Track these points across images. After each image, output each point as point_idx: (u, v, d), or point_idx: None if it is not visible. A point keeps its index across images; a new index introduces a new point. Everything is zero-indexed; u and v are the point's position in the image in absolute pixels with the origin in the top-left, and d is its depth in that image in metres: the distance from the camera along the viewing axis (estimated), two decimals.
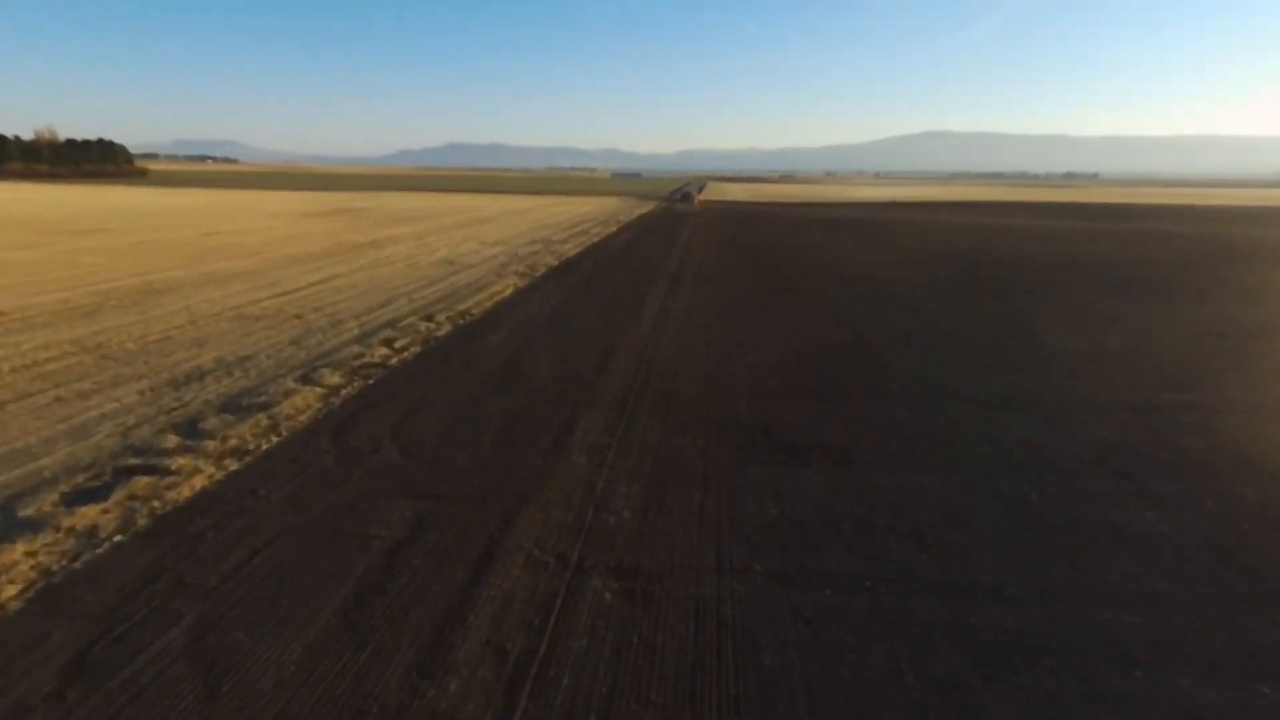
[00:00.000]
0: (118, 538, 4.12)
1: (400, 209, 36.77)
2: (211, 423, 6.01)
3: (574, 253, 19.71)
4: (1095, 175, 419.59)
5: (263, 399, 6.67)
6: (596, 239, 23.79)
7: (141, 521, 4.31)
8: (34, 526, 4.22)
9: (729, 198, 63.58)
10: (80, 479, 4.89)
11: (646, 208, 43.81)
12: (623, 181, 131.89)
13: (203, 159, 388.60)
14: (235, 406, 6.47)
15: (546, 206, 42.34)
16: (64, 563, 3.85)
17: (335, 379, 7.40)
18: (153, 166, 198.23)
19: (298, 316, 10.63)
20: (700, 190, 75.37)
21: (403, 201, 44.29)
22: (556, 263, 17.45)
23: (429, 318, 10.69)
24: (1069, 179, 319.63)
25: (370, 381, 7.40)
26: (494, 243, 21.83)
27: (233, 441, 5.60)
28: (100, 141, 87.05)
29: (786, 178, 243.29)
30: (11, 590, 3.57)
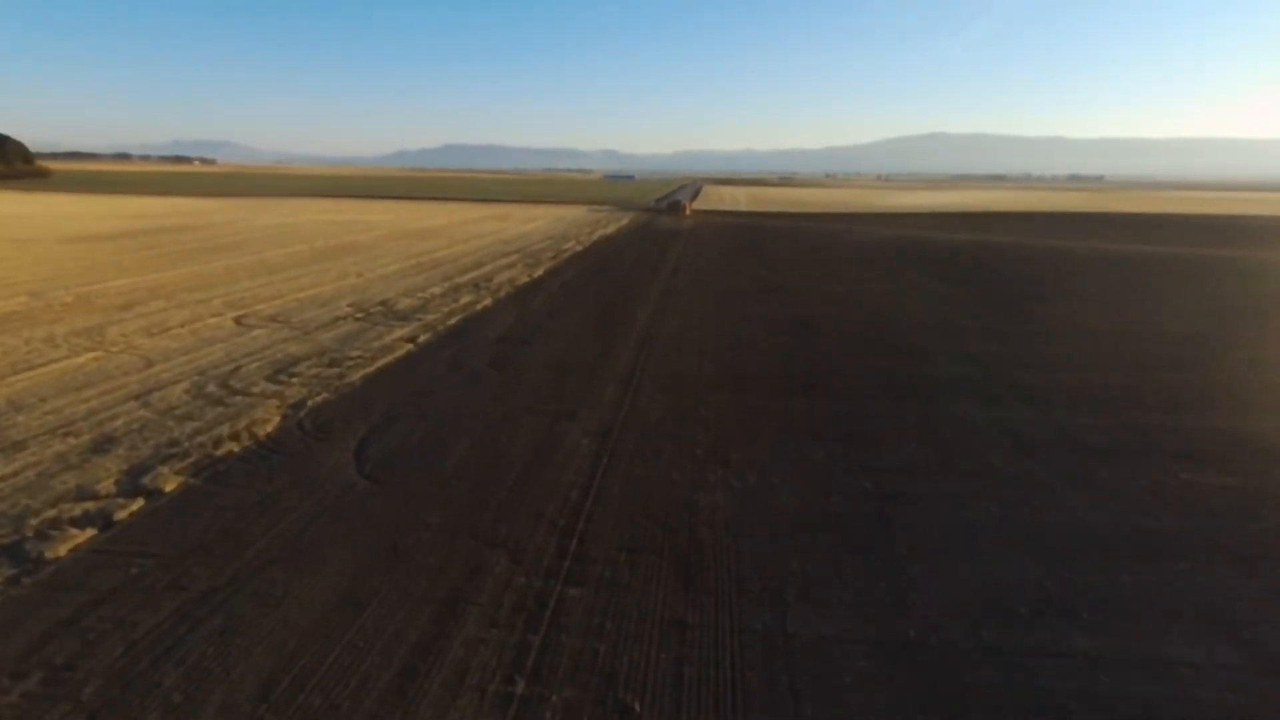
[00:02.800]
0: None
1: (256, 228, 25.80)
2: None
3: (381, 363, 8.84)
4: (1101, 178, 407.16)
5: None
6: (489, 303, 12.96)
7: None
8: None
9: (728, 205, 52.40)
10: None
11: (618, 224, 32.69)
12: (611, 184, 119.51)
13: (188, 160, 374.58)
14: None
15: (478, 222, 31.26)
16: None
17: None
18: (128, 168, 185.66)
19: None
20: (694, 196, 63.37)
21: (290, 215, 33.13)
22: (266, 430, 6.57)
23: None
24: (1074, 181, 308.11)
25: None
26: (268, 318, 11.02)
27: None
28: None
29: (786, 180, 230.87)
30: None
